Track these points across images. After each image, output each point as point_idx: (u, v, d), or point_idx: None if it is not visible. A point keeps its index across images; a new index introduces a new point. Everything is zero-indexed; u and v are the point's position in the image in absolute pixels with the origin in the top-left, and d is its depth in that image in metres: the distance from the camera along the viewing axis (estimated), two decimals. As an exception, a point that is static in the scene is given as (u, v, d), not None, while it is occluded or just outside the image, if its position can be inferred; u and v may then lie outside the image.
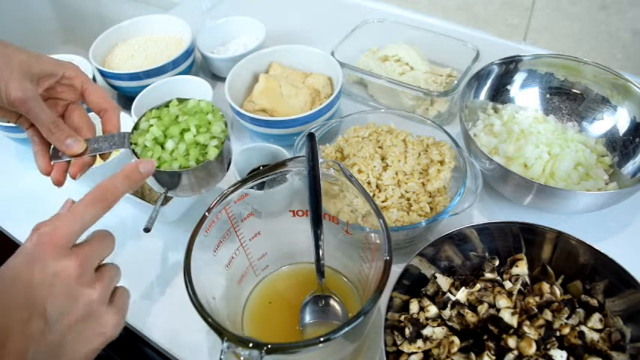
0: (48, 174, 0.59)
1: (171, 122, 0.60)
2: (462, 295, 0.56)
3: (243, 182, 0.55)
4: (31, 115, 0.54)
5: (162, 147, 0.59)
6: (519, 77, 0.82)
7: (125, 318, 0.45)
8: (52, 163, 0.59)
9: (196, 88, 0.88)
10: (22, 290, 0.39)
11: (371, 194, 0.65)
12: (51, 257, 0.40)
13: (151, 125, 0.60)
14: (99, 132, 0.63)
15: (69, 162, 0.59)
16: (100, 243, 0.44)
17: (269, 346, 0.42)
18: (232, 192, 0.54)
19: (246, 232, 0.60)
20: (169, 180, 0.58)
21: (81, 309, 0.41)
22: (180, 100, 0.63)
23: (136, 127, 0.61)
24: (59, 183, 0.59)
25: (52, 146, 0.59)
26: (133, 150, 0.59)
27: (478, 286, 0.56)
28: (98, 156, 0.62)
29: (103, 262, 0.46)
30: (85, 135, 0.59)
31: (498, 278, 0.57)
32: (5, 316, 0.37)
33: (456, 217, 0.63)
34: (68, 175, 0.60)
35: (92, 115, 0.63)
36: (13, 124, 0.81)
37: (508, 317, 0.51)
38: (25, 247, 0.41)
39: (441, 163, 0.69)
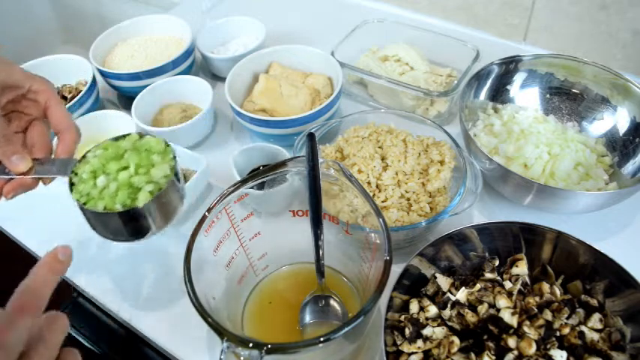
0: None
1: (115, 156, 0.55)
2: (462, 295, 0.56)
3: (243, 182, 0.55)
4: None
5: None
6: (519, 77, 0.82)
7: None
8: None
9: (196, 88, 0.88)
10: None
11: (371, 194, 0.65)
12: None
13: (95, 156, 0.55)
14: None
15: (11, 179, 0.55)
16: (44, 354, 0.38)
17: (269, 346, 0.42)
18: (232, 192, 0.54)
19: (246, 232, 0.60)
20: (92, 219, 0.53)
21: None
22: (141, 136, 0.57)
23: (84, 156, 0.56)
24: None
25: None
26: (70, 179, 0.54)
27: (478, 286, 0.56)
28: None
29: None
30: (36, 154, 0.56)
31: (498, 278, 0.57)
32: None
33: (456, 217, 0.63)
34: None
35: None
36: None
37: (508, 317, 0.51)
38: None
39: (441, 163, 0.69)
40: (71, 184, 0.53)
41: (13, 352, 0.35)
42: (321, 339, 0.43)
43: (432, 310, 0.55)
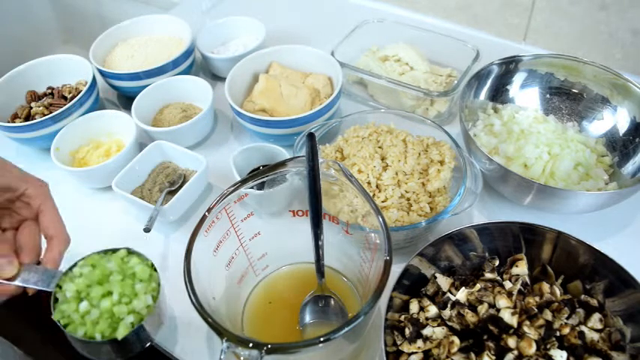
0: None
1: (100, 279, 0.55)
2: (462, 295, 0.56)
3: (243, 182, 0.55)
4: None
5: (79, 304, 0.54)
6: (519, 77, 0.82)
7: None
8: None
9: (196, 88, 0.88)
10: None
11: (371, 194, 0.65)
12: None
13: (81, 274, 0.55)
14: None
15: None
16: None
17: (269, 346, 0.42)
18: (232, 192, 0.54)
19: (246, 232, 0.60)
20: (72, 340, 0.54)
21: None
22: (130, 252, 0.59)
23: (71, 268, 0.57)
24: None
25: None
26: (55, 294, 0.55)
27: (478, 286, 0.56)
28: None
29: None
30: (24, 258, 0.55)
31: (498, 278, 0.57)
32: None
33: (456, 217, 0.63)
34: None
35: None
36: (14, 125, 0.81)
37: (508, 317, 0.51)
38: None
39: (441, 163, 0.69)
40: (54, 299, 0.54)
41: None
42: (321, 339, 0.43)
43: (432, 310, 0.55)
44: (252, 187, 0.57)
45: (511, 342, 0.50)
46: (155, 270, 0.57)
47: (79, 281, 0.54)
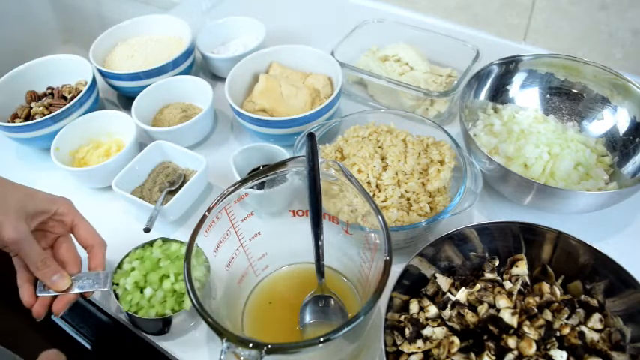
0: (30, 306, 0.59)
1: (153, 267, 0.62)
2: (462, 295, 0.56)
3: (243, 182, 0.55)
4: (21, 253, 0.57)
5: (142, 291, 0.62)
6: (519, 77, 0.82)
7: None
8: (36, 294, 0.59)
9: (196, 88, 0.88)
10: None
11: (371, 194, 0.65)
12: None
13: (133, 268, 0.63)
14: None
15: (54, 297, 0.60)
16: None
17: (269, 346, 0.42)
18: (232, 192, 0.54)
19: (246, 232, 0.60)
20: (146, 325, 0.62)
21: None
22: (165, 240, 0.66)
23: (119, 266, 0.64)
24: (39, 316, 0.59)
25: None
26: (114, 291, 0.62)
27: (478, 286, 0.56)
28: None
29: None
30: (71, 270, 0.61)
31: (498, 278, 0.57)
32: None
33: (456, 217, 0.63)
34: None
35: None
36: (14, 125, 0.81)
37: (508, 317, 0.51)
38: None
39: (441, 163, 0.69)
40: (115, 295, 0.62)
41: None
42: (321, 339, 0.43)
43: (432, 310, 0.55)
44: (252, 187, 0.57)
45: (511, 342, 0.50)
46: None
47: (134, 274, 0.62)
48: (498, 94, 0.83)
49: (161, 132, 0.81)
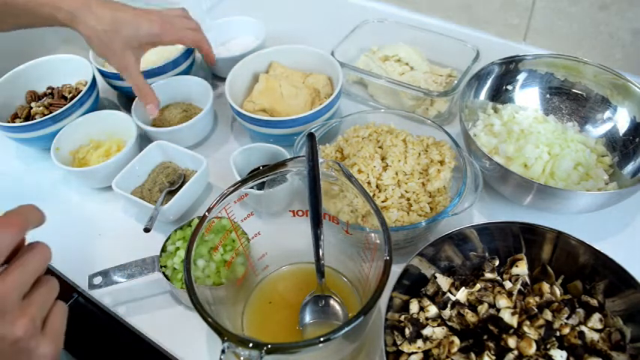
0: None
1: (199, 242, 0.60)
2: (462, 295, 0.56)
3: (243, 182, 0.55)
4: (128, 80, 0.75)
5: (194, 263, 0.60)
6: (519, 77, 0.82)
7: (62, 342, 0.40)
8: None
9: (196, 88, 0.88)
10: None
11: (371, 194, 0.65)
12: None
13: (178, 248, 0.65)
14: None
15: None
16: (22, 269, 0.38)
17: (269, 346, 0.42)
18: (232, 192, 0.54)
19: (246, 232, 0.60)
20: (203, 291, 0.59)
21: (7, 350, 0.37)
22: (199, 218, 0.65)
23: (163, 250, 0.66)
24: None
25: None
26: (164, 273, 0.63)
27: (478, 286, 0.56)
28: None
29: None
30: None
31: (498, 278, 0.57)
32: None
33: (456, 217, 0.63)
34: None
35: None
36: (14, 125, 0.81)
37: (508, 317, 0.51)
38: None
39: (441, 163, 0.69)
40: (165, 277, 0.63)
41: None
42: (321, 339, 0.43)
43: (432, 310, 0.55)
44: (252, 187, 0.57)
45: (511, 342, 0.50)
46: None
47: (180, 253, 0.64)
48: (498, 94, 0.83)
49: (161, 132, 0.81)
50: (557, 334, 0.51)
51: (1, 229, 0.37)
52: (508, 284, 0.56)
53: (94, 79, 0.88)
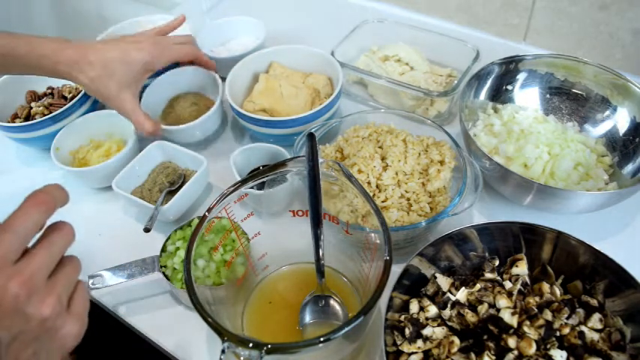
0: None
1: (199, 241, 0.60)
2: (462, 295, 0.56)
3: (243, 182, 0.55)
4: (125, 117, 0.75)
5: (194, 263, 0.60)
6: (519, 77, 0.82)
7: (86, 321, 0.41)
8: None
9: (205, 79, 0.87)
10: None
11: (371, 194, 0.65)
12: None
13: (178, 248, 0.65)
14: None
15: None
16: (49, 249, 0.39)
17: (269, 346, 0.42)
18: (232, 192, 0.54)
19: (246, 232, 0.60)
20: (203, 291, 0.59)
21: (34, 329, 0.37)
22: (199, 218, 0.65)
23: (163, 250, 0.66)
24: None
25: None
26: (164, 273, 0.63)
27: (478, 286, 0.56)
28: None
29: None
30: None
31: (498, 278, 0.57)
32: None
33: (456, 217, 0.63)
34: None
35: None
36: (14, 125, 0.81)
37: (508, 317, 0.51)
38: None
39: (441, 163, 0.69)
40: (165, 276, 0.63)
41: (22, 239, 0.37)
42: (321, 339, 0.43)
43: (432, 310, 0.55)
44: (252, 187, 0.57)
45: (511, 342, 0.50)
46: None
47: (180, 253, 0.64)
48: (498, 94, 0.83)
49: (173, 130, 0.80)
50: (557, 334, 0.51)
51: (31, 208, 0.38)
52: (508, 284, 0.56)
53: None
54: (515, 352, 0.49)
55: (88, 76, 0.70)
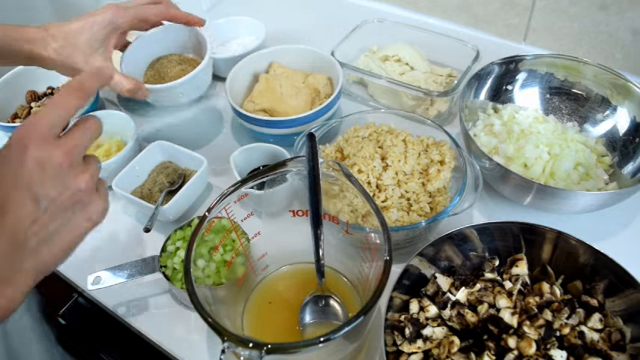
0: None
1: (198, 241, 0.60)
2: (462, 295, 0.56)
3: (243, 182, 0.55)
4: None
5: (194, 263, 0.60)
6: (519, 77, 0.82)
7: (108, 205, 0.46)
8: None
9: (188, 38, 0.80)
10: (12, 175, 0.40)
11: (371, 194, 0.65)
12: (38, 146, 0.40)
13: (178, 248, 0.64)
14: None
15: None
16: (84, 132, 0.44)
17: (269, 346, 0.42)
18: (232, 192, 0.54)
19: (246, 232, 0.60)
20: (203, 290, 0.59)
21: (70, 197, 0.42)
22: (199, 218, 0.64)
23: (163, 250, 0.65)
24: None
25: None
26: (164, 273, 0.63)
27: (478, 286, 0.56)
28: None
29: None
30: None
31: (498, 278, 0.57)
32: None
33: (456, 217, 0.63)
34: None
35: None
36: (14, 125, 0.81)
37: (508, 317, 0.51)
38: (12, 138, 0.41)
39: (441, 163, 0.69)
40: (166, 277, 0.63)
41: (63, 118, 0.42)
42: (321, 339, 0.43)
43: (432, 310, 0.55)
44: (252, 187, 0.57)
45: (511, 342, 0.50)
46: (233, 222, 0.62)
47: (180, 253, 0.64)
48: (498, 94, 0.83)
49: (159, 89, 0.73)
50: (557, 334, 0.51)
51: (70, 93, 0.43)
52: (508, 284, 0.56)
53: (94, 79, 0.88)
54: (515, 352, 0.49)
55: (52, 48, 0.66)
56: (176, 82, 0.72)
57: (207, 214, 0.53)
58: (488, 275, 0.57)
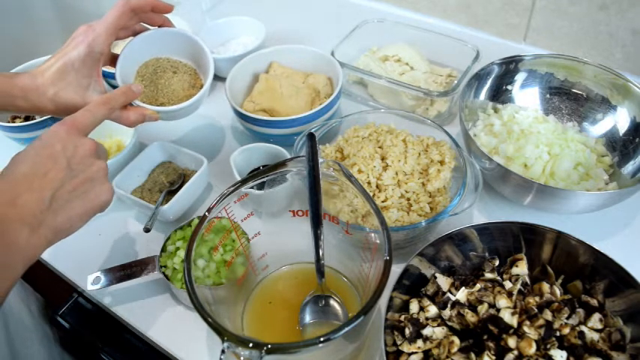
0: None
1: (198, 242, 0.58)
2: (462, 295, 0.56)
3: (243, 182, 0.55)
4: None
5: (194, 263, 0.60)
6: (519, 77, 0.82)
7: (112, 199, 0.54)
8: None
9: (182, 42, 0.76)
10: (49, 149, 0.51)
11: (371, 194, 0.65)
12: (73, 135, 0.52)
13: (178, 248, 0.65)
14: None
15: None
16: (103, 146, 0.56)
17: (269, 346, 0.42)
18: (232, 192, 0.54)
19: (246, 232, 0.60)
20: (203, 290, 0.58)
21: (92, 173, 0.52)
22: (199, 218, 0.63)
23: (163, 250, 0.66)
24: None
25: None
26: (164, 273, 0.63)
27: (478, 286, 0.56)
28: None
29: None
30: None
31: (498, 278, 0.57)
32: (35, 163, 0.50)
33: (456, 217, 0.63)
34: None
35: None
36: (14, 125, 0.81)
37: (508, 317, 0.51)
38: (52, 128, 0.52)
39: (441, 163, 0.69)
40: (165, 277, 0.63)
41: (94, 122, 0.56)
42: (321, 339, 0.43)
43: (432, 310, 0.55)
44: (252, 187, 0.57)
45: (511, 342, 0.50)
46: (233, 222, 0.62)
47: (180, 253, 0.64)
48: (498, 94, 0.83)
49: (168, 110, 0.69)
50: (557, 334, 0.51)
51: (102, 105, 0.58)
52: (508, 284, 0.56)
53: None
54: (515, 352, 0.49)
55: (47, 99, 0.63)
56: (187, 104, 0.69)
57: (207, 214, 0.53)
58: (488, 275, 0.57)
